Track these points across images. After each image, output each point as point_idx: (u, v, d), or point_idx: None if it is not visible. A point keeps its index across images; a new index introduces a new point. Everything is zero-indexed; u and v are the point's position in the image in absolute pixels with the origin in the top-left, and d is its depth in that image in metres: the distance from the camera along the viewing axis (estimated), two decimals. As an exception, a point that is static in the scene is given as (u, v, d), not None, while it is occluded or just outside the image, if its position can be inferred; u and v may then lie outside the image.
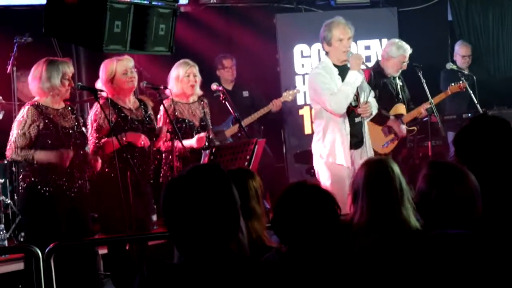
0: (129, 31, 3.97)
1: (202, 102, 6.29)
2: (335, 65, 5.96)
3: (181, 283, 2.22)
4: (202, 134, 6.06)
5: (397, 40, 7.43)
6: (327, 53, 6.01)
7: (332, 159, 5.92)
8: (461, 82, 7.57)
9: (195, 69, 6.16)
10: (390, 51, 7.23)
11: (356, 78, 5.85)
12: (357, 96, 5.99)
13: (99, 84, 5.69)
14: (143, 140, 5.58)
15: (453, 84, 7.60)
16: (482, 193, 2.76)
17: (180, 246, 2.27)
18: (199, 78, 6.19)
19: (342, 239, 3.00)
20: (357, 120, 6.03)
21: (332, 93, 5.81)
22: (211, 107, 6.47)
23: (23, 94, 6.81)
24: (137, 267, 5.42)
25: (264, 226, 3.49)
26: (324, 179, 5.91)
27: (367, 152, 6.05)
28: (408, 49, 7.22)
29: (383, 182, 3.27)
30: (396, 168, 3.34)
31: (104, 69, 5.67)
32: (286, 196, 2.83)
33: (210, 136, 6.29)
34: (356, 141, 6.00)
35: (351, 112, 5.98)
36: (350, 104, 5.93)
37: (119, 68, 5.62)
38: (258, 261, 2.59)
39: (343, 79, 5.91)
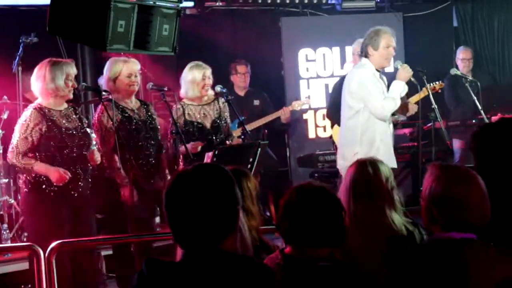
0: (132, 31, 3.97)
1: (218, 102, 6.28)
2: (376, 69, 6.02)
3: (180, 281, 2.23)
4: (199, 144, 6.00)
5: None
6: (367, 57, 5.96)
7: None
8: (437, 83, 7.43)
9: (209, 71, 6.16)
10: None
11: (403, 89, 5.98)
12: None
13: (101, 81, 5.70)
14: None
15: (429, 85, 7.43)
16: (500, 196, 2.77)
17: (179, 239, 2.29)
18: (212, 80, 6.21)
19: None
20: None
21: (385, 98, 5.87)
22: None
23: (29, 94, 6.82)
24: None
25: (259, 224, 3.51)
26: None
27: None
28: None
29: (363, 182, 3.39)
30: (383, 169, 3.44)
31: (110, 67, 5.68)
32: (293, 196, 2.84)
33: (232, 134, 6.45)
34: None
35: None
36: None
37: (124, 70, 5.63)
38: (258, 260, 2.59)
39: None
